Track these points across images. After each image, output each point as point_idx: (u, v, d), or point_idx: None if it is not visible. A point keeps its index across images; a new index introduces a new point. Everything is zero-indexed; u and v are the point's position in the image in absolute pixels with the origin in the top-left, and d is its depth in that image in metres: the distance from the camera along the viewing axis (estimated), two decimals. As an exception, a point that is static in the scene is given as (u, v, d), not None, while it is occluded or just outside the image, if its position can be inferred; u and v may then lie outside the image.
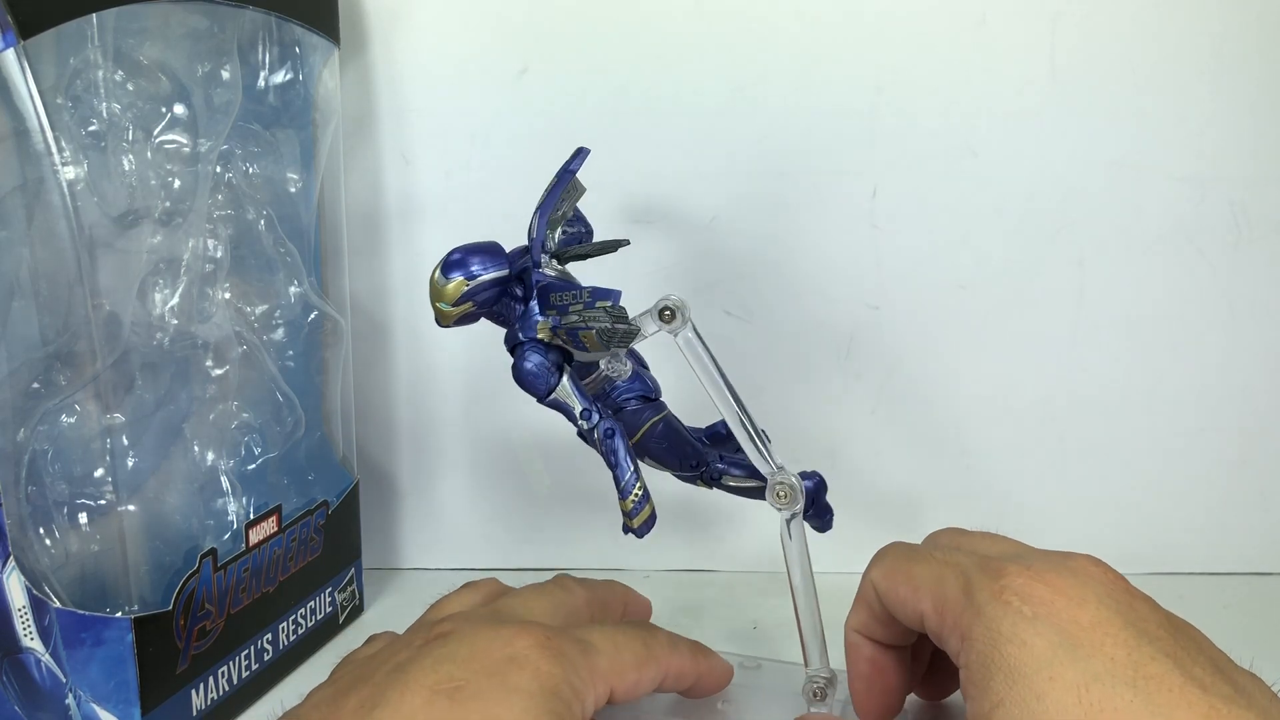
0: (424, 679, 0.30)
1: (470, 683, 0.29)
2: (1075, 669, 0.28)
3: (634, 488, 0.39)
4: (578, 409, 0.39)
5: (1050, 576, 0.31)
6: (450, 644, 0.31)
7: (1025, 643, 0.29)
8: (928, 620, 0.33)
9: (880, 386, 0.59)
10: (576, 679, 0.32)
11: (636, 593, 0.45)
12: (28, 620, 0.39)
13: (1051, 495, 0.60)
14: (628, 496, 0.39)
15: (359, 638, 0.53)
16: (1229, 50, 0.55)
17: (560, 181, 0.40)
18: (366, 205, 0.58)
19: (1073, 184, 0.56)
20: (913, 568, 0.35)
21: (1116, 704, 0.27)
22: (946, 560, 0.34)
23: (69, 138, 0.39)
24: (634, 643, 0.35)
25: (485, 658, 0.30)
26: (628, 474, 0.39)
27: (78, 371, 0.41)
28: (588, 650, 0.33)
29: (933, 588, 0.33)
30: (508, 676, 0.30)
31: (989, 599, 0.31)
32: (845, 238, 0.57)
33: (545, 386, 0.38)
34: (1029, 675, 0.28)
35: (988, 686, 0.29)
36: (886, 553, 0.37)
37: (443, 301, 0.39)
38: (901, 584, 0.35)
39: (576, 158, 0.40)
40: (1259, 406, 0.59)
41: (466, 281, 0.38)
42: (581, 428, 0.39)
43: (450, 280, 0.39)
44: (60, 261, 0.39)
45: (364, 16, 0.56)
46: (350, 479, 0.55)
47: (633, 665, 0.35)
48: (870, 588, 0.36)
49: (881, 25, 0.55)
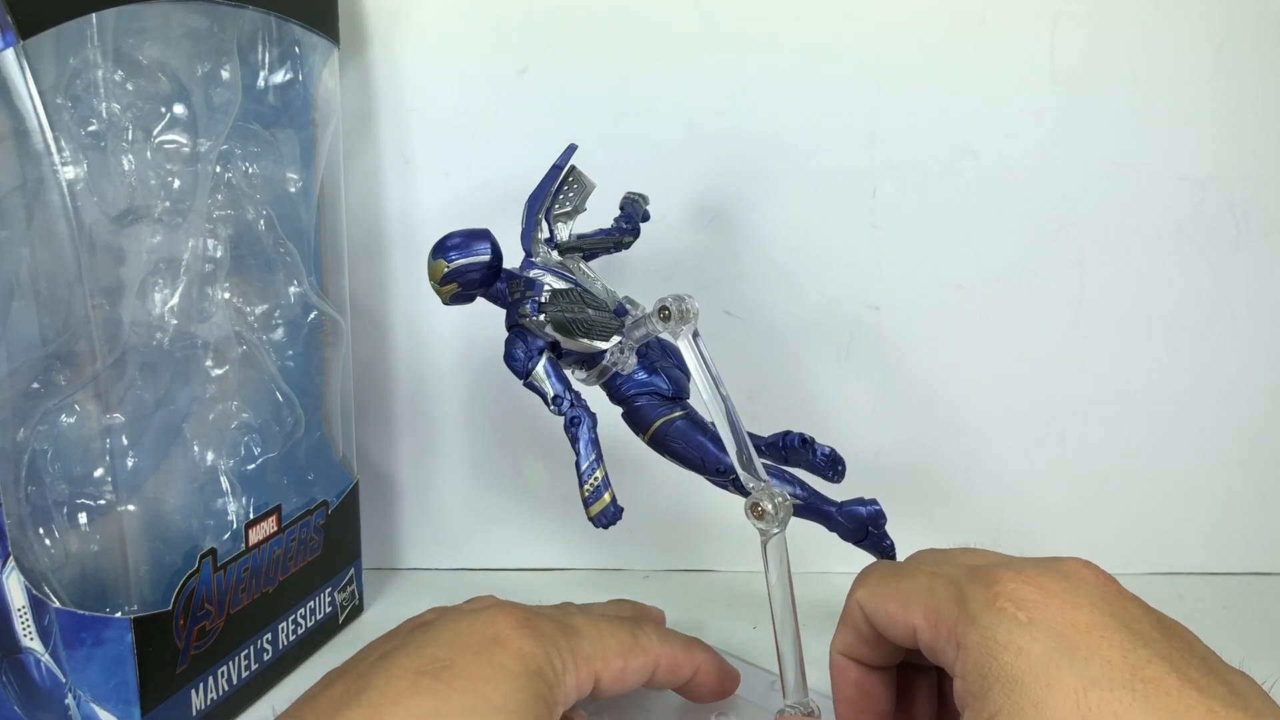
0: (408, 662, 0.30)
1: (455, 662, 0.30)
2: (1073, 674, 0.28)
3: (591, 475, 0.39)
4: (550, 394, 0.40)
5: (1042, 580, 0.30)
6: (433, 630, 0.32)
7: (1022, 649, 0.29)
8: (920, 634, 0.33)
9: (880, 386, 0.59)
10: (559, 659, 0.32)
11: (647, 606, 0.45)
12: (27, 620, 0.39)
13: (1051, 495, 0.60)
14: (584, 484, 0.39)
15: (359, 637, 0.54)
16: (1229, 50, 0.55)
17: (549, 176, 0.42)
18: (366, 205, 0.58)
19: (1073, 184, 0.56)
20: (900, 582, 0.34)
21: (1115, 708, 0.27)
22: (935, 572, 0.33)
23: (69, 138, 0.39)
24: (620, 631, 0.36)
25: (468, 638, 0.31)
26: (586, 462, 0.39)
27: (78, 371, 0.41)
28: (570, 633, 0.34)
29: (923, 600, 0.33)
30: (493, 655, 0.30)
31: (983, 606, 0.30)
32: (845, 238, 0.57)
33: (522, 370, 0.40)
34: (1026, 683, 0.28)
35: (986, 696, 0.29)
36: (871, 572, 0.36)
37: (432, 280, 0.41)
38: (890, 600, 0.34)
39: (565, 153, 0.42)
40: (1259, 406, 0.59)
41: (447, 264, 0.41)
42: (551, 411, 0.40)
43: (435, 261, 0.41)
44: (60, 261, 0.39)
45: (364, 16, 0.56)
46: (350, 479, 0.55)
47: (617, 652, 0.35)
48: (856, 608, 0.35)
49: (881, 25, 0.55)
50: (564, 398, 0.40)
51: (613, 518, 0.39)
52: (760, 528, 0.37)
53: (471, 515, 0.62)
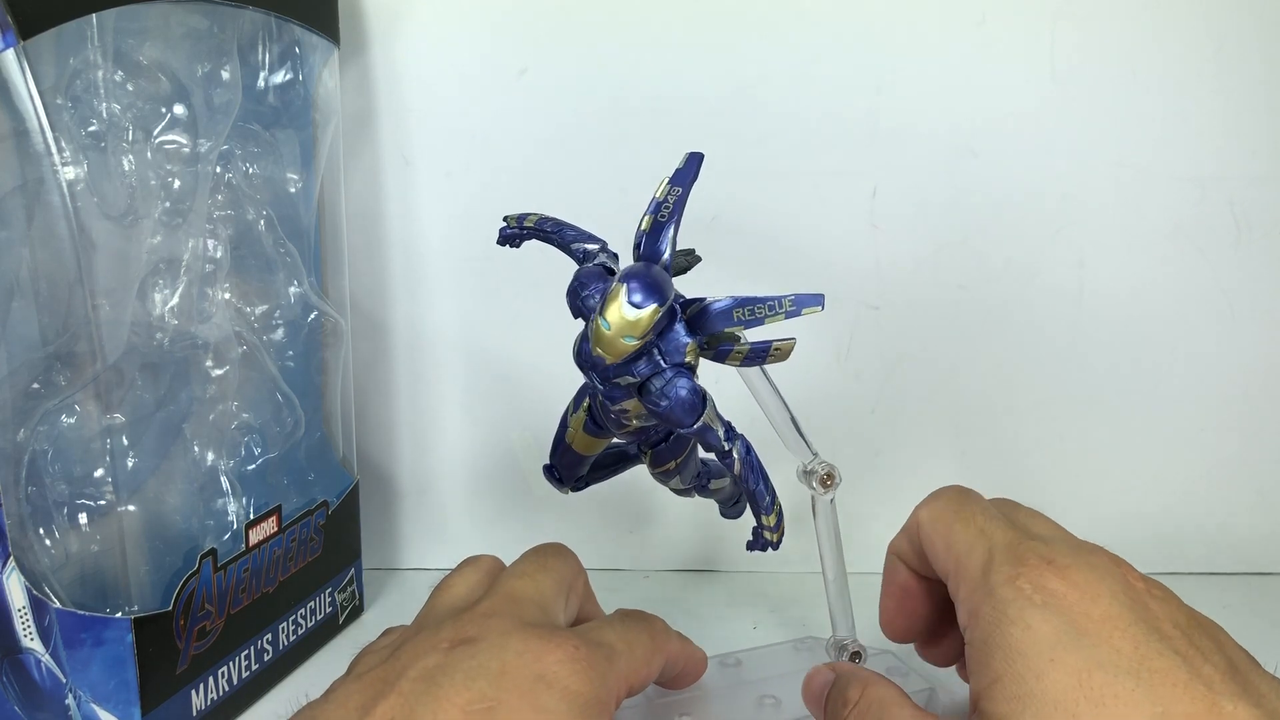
0: (456, 697, 0.29)
1: (502, 704, 0.29)
2: (1078, 655, 0.28)
3: (775, 503, 0.39)
4: (721, 430, 0.37)
5: (1069, 570, 0.31)
6: (480, 655, 0.31)
7: (1030, 626, 0.30)
8: (949, 581, 0.35)
9: (880, 386, 0.59)
10: (604, 691, 0.32)
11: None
12: (28, 620, 0.39)
13: (1051, 495, 0.60)
14: (771, 512, 0.39)
15: (359, 638, 0.54)
16: (1229, 50, 0.55)
17: (690, 188, 0.37)
18: (366, 205, 0.58)
19: (1073, 184, 0.56)
20: (954, 524, 0.35)
21: (1117, 691, 0.27)
22: (985, 529, 0.34)
23: (69, 138, 0.39)
24: (643, 636, 0.36)
25: (516, 674, 0.30)
26: (770, 491, 0.39)
27: (78, 371, 0.41)
28: (611, 656, 0.33)
29: (960, 554, 0.34)
30: (538, 697, 0.30)
31: (1002, 581, 0.31)
32: (845, 238, 0.57)
33: (699, 412, 0.35)
34: (1029, 656, 0.29)
35: (988, 663, 0.30)
36: (939, 496, 0.38)
37: (632, 334, 0.33)
38: (939, 536, 0.36)
39: (695, 162, 0.38)
40: (1259, 406, 0.59)
41: (660, 307, 0.33)
42: (723, 449, 0.37)
43: (648, 307, 0.33)
44: (60, 261, 0.39)
45: (364, 16, 0.56)
46: (350, 479, 0.55)
47: (644, 660, 0.35)
48: (915, 524, 0.38)
49: (881, 25, 0.55)
50: (731, 429, 0.37)
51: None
52: (821, 493, 0.43)
53: (471, 515, 0.62)
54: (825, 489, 0.43)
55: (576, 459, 0.41)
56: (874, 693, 0.33)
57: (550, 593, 0.36)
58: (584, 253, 0.38)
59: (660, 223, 0.35)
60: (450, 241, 0.58)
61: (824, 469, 0.43)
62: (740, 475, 0.38)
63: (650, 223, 0.35)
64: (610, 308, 0.32)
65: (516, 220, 0.40)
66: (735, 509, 0.47)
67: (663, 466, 0.41)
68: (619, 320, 0.32)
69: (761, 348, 0.34)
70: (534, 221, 0.40)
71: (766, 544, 0.40)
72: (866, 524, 0.50)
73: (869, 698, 0.33)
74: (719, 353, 0.35)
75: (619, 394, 0.35)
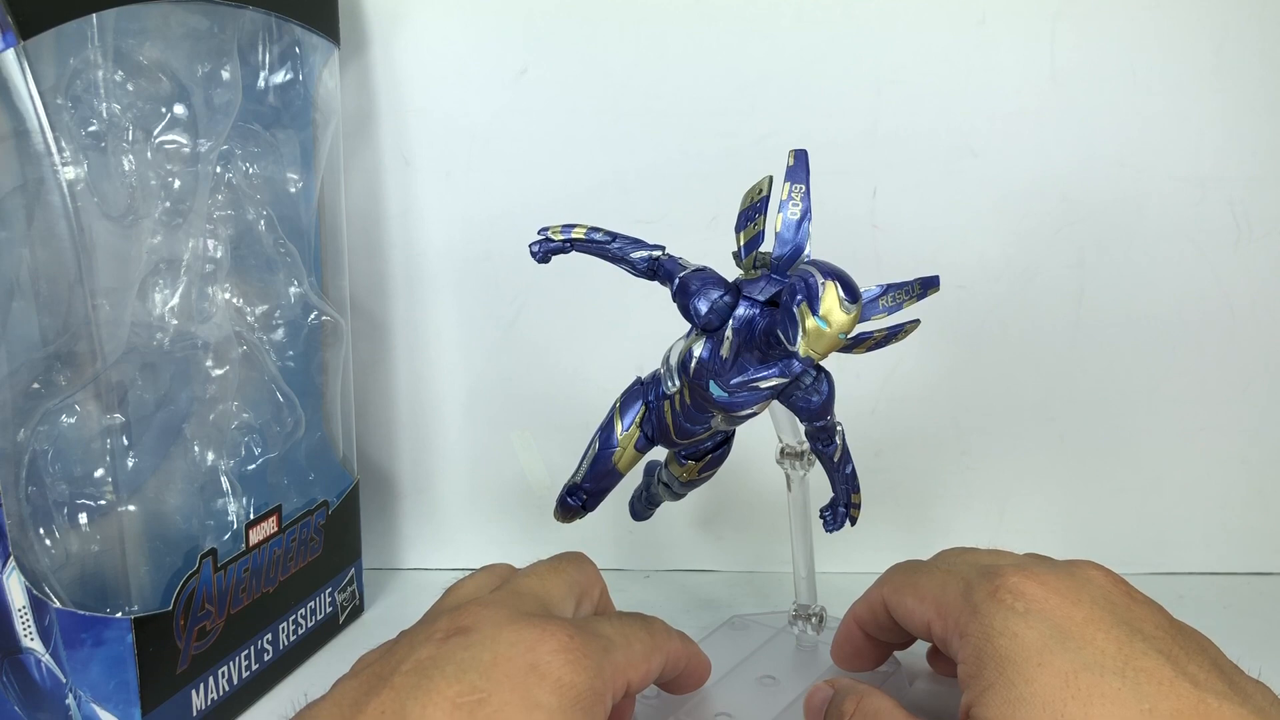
0: (446, 689, 0.29)
1: (492, 696, 0.29)
2: (1065, 658, 0.29)
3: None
4: (837, 419, 0.39)
5: (1046, 577, 0.32)
6: (473, 646, 0.31)
7: (1016, 635, 0.30)
8: (933, 627, 0.35)
9: (880, 386, 0.59)
10: (599, 682, 0.31)
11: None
12: (28, 620, 0.39)
13: (1051, 495, 0.60)
14: (859, 489, 0.41)
15: (359, 638, 0.54)
16: (1229, 50, 0.55)
17: (807, 186, 0.38)
18: (366, 205, 0.58)
19: (1073, 184, 0.56)
20: (918, 580, 0.36)
21: (1104, 690, 0.28)
22: (950, 570, 0.36)
23: (69, 138, 0.39)
24: (640, 632, 0.36)
25: (509, 665, 0.30)
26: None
27: (78, 371, 0.41)
28: (608, 648, 0.33)
29: (936, 595, 0.35)
30: (530, 689, 0.30)
31: (985, 598, 0.32)
32: (845, 238, 0.57)
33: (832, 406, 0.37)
34: (1018, 663, 0.29)
35: (979, 675, 0.30)
36: (895, 570, 0.39)
37: (844, 331, 0.33)
38: (909, 596, 0.36)
39: (804, 160, 0.38)
40: (1259, 406, 0.59)
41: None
42: (834, 435, 0.40)
43: (854, 307, 0.33)
44: (60, 261, 0.39)
45: (364, 16, 0.56)
46: (350, 479, 0.55)
47: (643, 656, 0.35)
48: (880, 601, 0.38)
49: (881, 25, 0.55)
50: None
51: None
52: (800, 473, 0.45)
53: (471, 515, 0.62)
54: (806, 465, 0.45)
55: (616, 480, 0.42)
56: (869, 704, 0.34)
57: (557, 593, 0.36)
58: (648, 260, 0.39)
59: (792, 220, 0.38)
60: (450, 241, 0.58)
61: (805, 448, 0.44)
62: (841, 458, 0.40)
63: (781, 220, 0.37)
64: (828, 307, 0.32)
65: (561, 231, 0.39)
66: (649, 511, 0.49)
67: (707, 473, 0.42)
68: (840, 319, 0.32)
69: (893, 331, 0.37)
70: (583, 233, 0.39)
71: (845, 520, 0.42)
72: (866, 524, 0.50)
73: (864, 709, 0.34)
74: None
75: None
